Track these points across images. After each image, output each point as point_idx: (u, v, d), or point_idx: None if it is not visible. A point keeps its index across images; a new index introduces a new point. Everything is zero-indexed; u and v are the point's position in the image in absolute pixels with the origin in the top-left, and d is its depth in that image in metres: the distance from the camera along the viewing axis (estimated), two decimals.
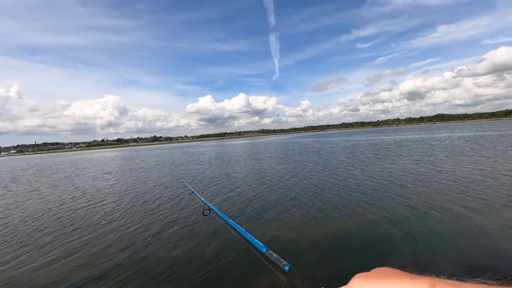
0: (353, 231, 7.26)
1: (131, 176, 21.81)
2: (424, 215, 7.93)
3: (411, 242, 6.34)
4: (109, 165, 35.92)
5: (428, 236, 6.62)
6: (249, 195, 12.01)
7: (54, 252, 7.12)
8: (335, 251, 6.28)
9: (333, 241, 6.84)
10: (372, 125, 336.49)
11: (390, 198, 9.84)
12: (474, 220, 7.26)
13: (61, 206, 12.27)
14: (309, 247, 6.52)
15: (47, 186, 19.28)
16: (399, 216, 8.00)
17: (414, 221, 7.51)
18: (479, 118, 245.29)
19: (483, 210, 7.91)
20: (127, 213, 10.20)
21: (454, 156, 19.31)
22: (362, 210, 8.77)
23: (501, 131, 46.20)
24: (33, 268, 6.30)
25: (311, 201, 10.26)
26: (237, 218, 9.00)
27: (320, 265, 5.65)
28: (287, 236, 7.22)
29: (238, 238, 2.59)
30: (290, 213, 8.99)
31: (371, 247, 6.26)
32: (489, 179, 11.45)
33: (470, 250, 5.81)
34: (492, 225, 6.89)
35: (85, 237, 8.05)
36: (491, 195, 9.30)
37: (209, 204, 3.47)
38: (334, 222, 7.92)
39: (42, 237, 8.35)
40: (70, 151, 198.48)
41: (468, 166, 14.83)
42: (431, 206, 8.67)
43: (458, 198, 9.29)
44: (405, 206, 8.87)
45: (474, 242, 6.14)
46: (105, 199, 12.98)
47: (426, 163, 16.93)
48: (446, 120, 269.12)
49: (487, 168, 13.68)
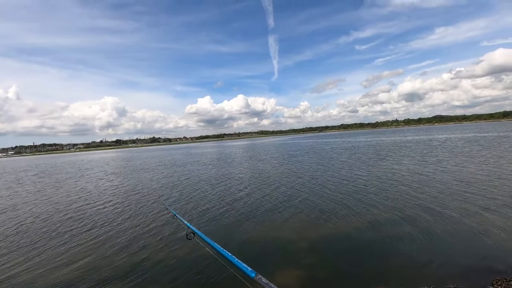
0: (357, 232, 7.44)
1: (130, 178, 21.91)
2: (426, 215, 8.10)
3: (420, 241, 6.57)
4: (110, 166, 35.96)
5: (429, 236, 6.79)
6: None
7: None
8: (342, 251, 6.50)
9: (338, 241, 7.05)
10: (371, 126, 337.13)
11: (394, 199, 9.98)
12: (477, 220, 7.44)
13: (69, 207, 12.42)
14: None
15: (51, 187, 19.37)
16: (411, 215, 8.19)
17: (414, 221, 7.72)
18: (477, 120, 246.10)
19: (488, 210, 8.13)
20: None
21: (456, 156, 19.49)
22: (366, 211, 8.93)
23: (499, 132, 46.61)
24: (40, 271, 6.48)
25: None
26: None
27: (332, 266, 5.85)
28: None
29: (223, 263, 2.43)
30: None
31: (374, 247, 6.47)
32: (492, 180, 11.67)
33: (470, 250, 6.01)
34: (495, 225, 7.11)
35: (93, 240, 8.24)
36: (496, 195, 9.53)
37: (192, 227, 3.30)
38: (339, 224, 8.11)
39: (50, 239, 8.52)
40: (69, 152, 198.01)
41: (470, 166, 15.04)
42: (433, 206, 8.83)
43: (461, 198, 9.46)
44: (414, 205, 9.00)
45: (476, 242, 6.36)
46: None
47: (430, 163, 17.11)
48: (445, 122, 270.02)
49: (491, 169, 13.91)
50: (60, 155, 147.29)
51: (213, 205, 11.30)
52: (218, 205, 11.16)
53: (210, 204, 11.40)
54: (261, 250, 6.83)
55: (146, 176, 22.23)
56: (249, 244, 7.27)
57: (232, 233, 8.05)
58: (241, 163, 27.64)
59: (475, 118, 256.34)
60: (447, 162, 17.94)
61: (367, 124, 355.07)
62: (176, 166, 29.30)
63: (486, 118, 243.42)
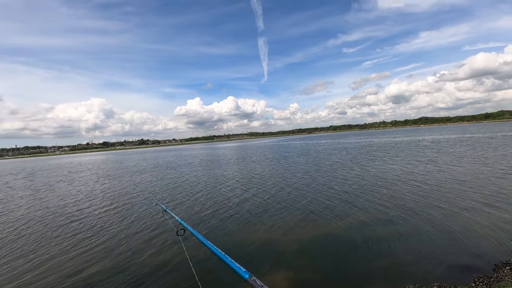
0: (339, 234, 7.59)
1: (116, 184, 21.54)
2: (412, 215, 8.32)
3: (401, 241, 6.77)
4: (101, 169, 35.20)
5: (414, 235, 6.99)
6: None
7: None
8: (330, 252, 6.63)
9: (324, 243, 7.18)
10: (359, 127, 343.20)
11: (381, 199, 10.19)
12: (460, 219, 7.71)
13: (63, 210, 12.12)
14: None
15: (43, 190, 18.80)
16: (397, 215, 8.39)
17: (402, 221, 7.93)
18: (461, 121, 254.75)
19: (470, 209, 8.41)
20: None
21: (440, 157, 20.04)
22: (350, 212, 9.10)
23: (484, 134, 48.34)
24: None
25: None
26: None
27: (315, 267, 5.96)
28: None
29: (217, 262, 2.35)
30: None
31: (362, 248, 6.62)
32: (474, 180, 12.09)
33: (454, 248, 6.21)
34: (476, 223, 7.41)
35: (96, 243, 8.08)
36: (477, 194, 9.90)
37: (184, 223, 3.18)
38: (319, 227, 8.25)
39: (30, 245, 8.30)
40: (54, 155, 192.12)
41: (454, 167, 15.54)
42: (417, 206, 9.07)
43: (445, 198, 9.75)
44: (400, 206, 9.21)
45: (459, 240, 6.59)
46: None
47: (416, 165, 17.58)
48: (430, 123, 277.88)
49: (474, 169, 14.42)
50: (45, 158, 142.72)
51: (205, 206, 11.25)
52: (210, 207, 11.12)
53: (202, 206, 11.35)
54: (252, 251, 6.87)
55: (141, 178, 21.89)
56: (240, 245, 7.30)
57: (223, 234, 8.07)
58: (230, 165, 27.58)
59: (458, 120, 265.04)
60: (433, 163, 18.50)
61: (356, 126, 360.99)
62: (170, 169, 28.94)
63: (469, 119, 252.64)
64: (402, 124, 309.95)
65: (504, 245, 6.19)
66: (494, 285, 4.67)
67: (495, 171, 13.93)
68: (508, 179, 12.06)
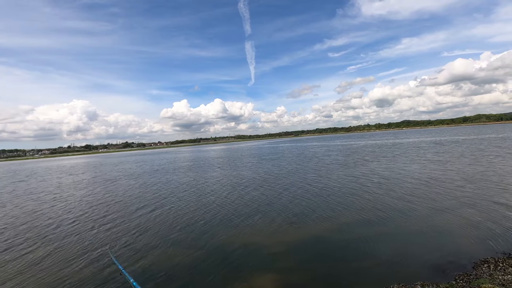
0: (324, 235, 7.64)
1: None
2: (396, 215, 8.51)
3: (385, 242, 6.88)
4: (75, 175, 33.93)
5: (398, 236, 7.15)
6: (236, 198, 12.16)
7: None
8: (314, 254, 6.63)
9: (309, 244, 7.19)
10: (345, 130, 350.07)
11: (365, 201, 10.35)
12: (442, 219, 7.96)
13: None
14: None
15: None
16: (382, 216, 8.52)
17: (386, 223, 8.10)
18: (441, 124, 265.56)
19: (451, 209, 8.70)
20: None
21: (421, 158, 20.71)
22: (336, 213, 9.22)
23: (462, 136, 50.49)
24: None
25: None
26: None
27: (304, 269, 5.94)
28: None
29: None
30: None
31: (347, 249, 6.69)
32: (455, 181, 12.54)
33: (436, 248, 6.38)
34: (456, 223, 7.64)
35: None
36: (458, 195, 10.25)
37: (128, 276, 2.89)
38: (302, 229, 8.28)
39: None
40: (32, 159, 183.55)
41: (435, 167, 16.05)
42: (401, 207, 9.29)
43: (428, 198, 10.04)
44: (384, 207, 9.38)
45: (441, 240, 6.78)
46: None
47: (398, 166, 18.06)
48: (412, 126, 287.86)
49: (454, 170, 14.95)
50: (24, 161, 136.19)
51: (188, 210, 11.08)
52: (193, 211, 10.97)
53: (185, 210, 11.17)
54: (237, 255, 6.76)
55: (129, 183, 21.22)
56: (224, 249, 7.18)
57: (207, 238, 7.92)
58: (214, 169, 27.32)
59: (438, 123, 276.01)
60: (416, 164, 19.04)
61: (341, 129, 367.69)
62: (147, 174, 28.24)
63: (448, 123, 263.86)
64: (385, 127, 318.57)
65: (482, 243, 6.42)
66: (474, 282, 4.80)
67: (475, 173, 14.50)
68: (485, 180, 12.56)
